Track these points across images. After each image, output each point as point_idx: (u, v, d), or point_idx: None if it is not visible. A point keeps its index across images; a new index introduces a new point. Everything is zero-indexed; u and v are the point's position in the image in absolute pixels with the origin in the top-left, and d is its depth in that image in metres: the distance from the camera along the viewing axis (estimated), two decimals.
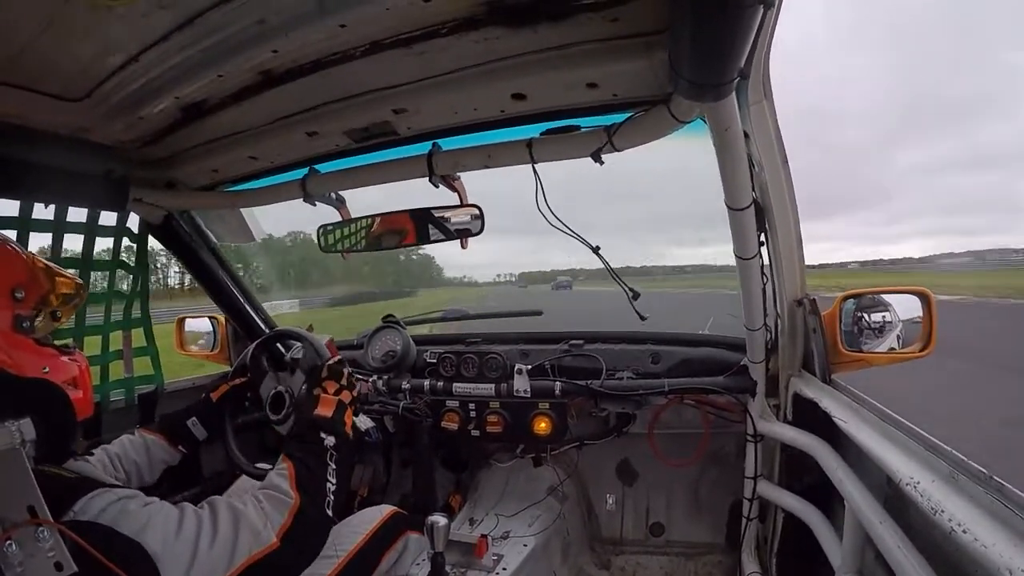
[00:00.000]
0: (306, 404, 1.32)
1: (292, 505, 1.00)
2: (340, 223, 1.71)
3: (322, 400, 1.30)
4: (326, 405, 1.29)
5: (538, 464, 2.15)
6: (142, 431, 1.45)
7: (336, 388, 1.35)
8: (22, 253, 1.00)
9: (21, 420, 0.88)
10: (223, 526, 0.92)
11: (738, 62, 0.86)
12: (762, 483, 1.71)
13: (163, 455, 1.43)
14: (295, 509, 1.00)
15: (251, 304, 2.31)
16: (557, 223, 1.40)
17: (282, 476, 1.06)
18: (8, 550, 0.74)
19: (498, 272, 16.99)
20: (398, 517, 1.58)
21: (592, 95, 1.25)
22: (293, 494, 1.02)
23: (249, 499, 0.99)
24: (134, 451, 1.38)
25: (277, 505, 0.99)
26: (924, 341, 1.50)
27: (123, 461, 1.35)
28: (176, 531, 0.88)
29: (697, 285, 35.88)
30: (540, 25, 1.05)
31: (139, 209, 1.84)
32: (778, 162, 1.33)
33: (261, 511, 0.97)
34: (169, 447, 1.44)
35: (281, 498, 1.01)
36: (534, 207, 1.37)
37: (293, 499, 1.01)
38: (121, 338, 2.02)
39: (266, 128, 1.49)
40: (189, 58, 1.15)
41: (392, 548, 1.50)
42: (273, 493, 1.02)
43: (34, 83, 1.23)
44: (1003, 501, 0.75)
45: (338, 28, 1.06)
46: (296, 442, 1.18)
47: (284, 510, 0.99)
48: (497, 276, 78.63)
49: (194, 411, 1.52)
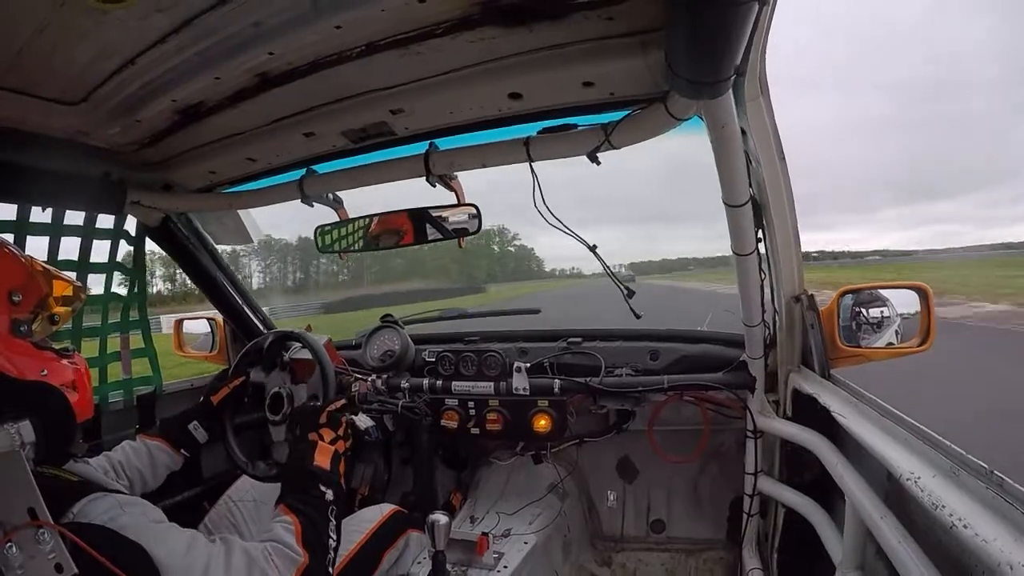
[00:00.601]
0: (303, 451, 1.28)
1: (301, 564, 1.01)
2: (338, 223, 1.71)
3: (319, 449, 1.27)
4: (323, 455, 1.26)
5: (538, 461, 2.16)
6: (143, 437, 1.45)
7: (332, 437, 1.32)
8: (20, 256, 1.00)
9: (20, 423, 0.88)
10: (236, 564, 0.93)
11: (734, 59, 0.86)
12: (762, 479, 1.72)
13: (166, 460, 1.43)
14: (303, 568, 1.01)
15: (249, 305, 2.31)
16: (555, 221, 1.42)
17: (288, 531, 1.06)
18: (8, 552, 0.75)
19: (609, 263, 17.44)
20: (399, 516, 1.58)
21: (589, 94, 1.25)
22: (301, 552, 1.03)
23: (259, 548, 1.00)
24: (136, 458, 1.38)
25: (287, 562, 1.00)
26: (922, 336, 1.50)
27: (126, 468, 1.35)
28: (185, 551, 0.88)
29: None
30: (536, 24, 1.05)
31: (137, 212, 1.84)
32: (775, 158, 1.33)
33: (272, 564, 0.98)
34: (171, 452, 1.44)
35: (291, 555, 1.02)
36: (645, 197, 1.34)
37: (302, 558, 1.02)
38: (119, 340, 2.03)
39: (263, 129, 1.49)
40: (186, 61, 1.16)
41: (393, 547, 1.50)
42: (283, 549, 1.02)
43: (31, 87, 1.23)
44: (1003, 496, 0.75)
45: (333, 30, 1.06)
46: (296, 495, 1.17)
47: (292, 568, 1.00)
48: (618, 265, 78.24)
49: (194, 415, 1.52)
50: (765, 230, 1.44)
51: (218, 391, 1.59)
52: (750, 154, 1.30)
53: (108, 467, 1.32)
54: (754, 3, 0.72)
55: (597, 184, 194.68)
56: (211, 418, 1.54)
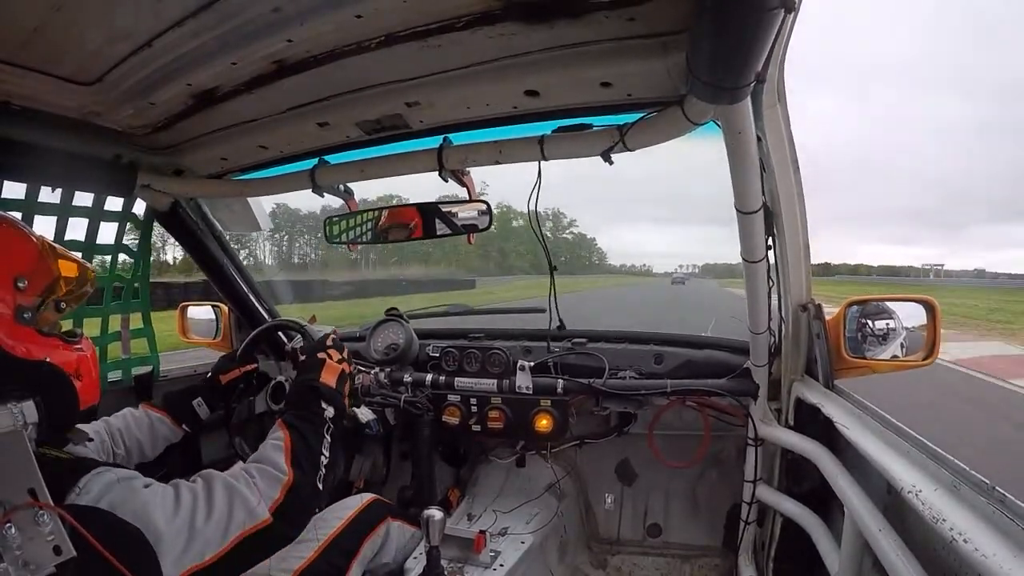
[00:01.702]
0: (310, 367, 1.30)
1: (285, 481, 1.01)
2: (347, 214, 1.71)
3: (327, 366, 1.29)
4: (330, 372, 1.28)
5: (521, 464, 2.14)
6: (146, 407, 1.45)
7: (339, 358, 1.35)
8: (32, 237, 0.97)
9: (23, 402, 0.88)
10: (218, 501, 0.92)
11: (756, 65, 0.86)
12: (761, 487, 1.71)
13: (167, 433, 1.44)
14: (288, 485, 1.01)
15: (254, 293, 2.31)
16: (535, 227, 1.57)
17: (277, 449, 1.05)
18: (7, 533, 0.74)
19: (680, 263, 17.01)
20: (378, 504, 1.59)
21: (606, 94, 1.24)
22: (287, 470, 1.02)
23: (242, 474, 0.99)
24: (137, 427, 1.39)
25: (270, 481, 1.00)
26: (927, 350, 1.50)
27: (125, 437, 1.35)
28: (174, 508, 0.88)
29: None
30: (556, 22, 1.05)
31: (146, 195, 1.84)
32: (789, 167, 1.33)
33: (255, 487, 0.98)
34: (173, 425, 1.45)
35: (275, 474, 1.01)
36: (719, 198, 1.34)
37: (287, 475, 1.01)
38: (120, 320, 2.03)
39: (277, 117, 1.49)
40: (203, 45, 1.15)
41: (373, 534, 1.50)
42: (267, 468, 1.02)
43: (45, 65, 1.22)
44: (1005, 512, 0.75)
45: (354, 19, 1.06)
46: (295, 409, 1.18)
47: (277, 486, 1.00)
48: (679, 266, 77.68)
49: (200, 391, 1.53)
50: (776, 238, 1.44)
51: (228, 371, 1.59)
52: (764, 161, 1.30)
53: (106, 435, 1.32)
54: (780, 10, 0.72)
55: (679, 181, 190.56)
56: (216, 397, 1.55)
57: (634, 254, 65.08)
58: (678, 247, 74.08)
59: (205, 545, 0.88)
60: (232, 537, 0.91)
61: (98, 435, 1.29)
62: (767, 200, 1.34)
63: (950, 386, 8.44)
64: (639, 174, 30.75)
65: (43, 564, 0.74)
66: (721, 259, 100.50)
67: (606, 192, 31.19)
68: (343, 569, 1.39)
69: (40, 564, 0.74)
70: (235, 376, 1.59)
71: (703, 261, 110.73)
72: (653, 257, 75.06)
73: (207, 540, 0.89)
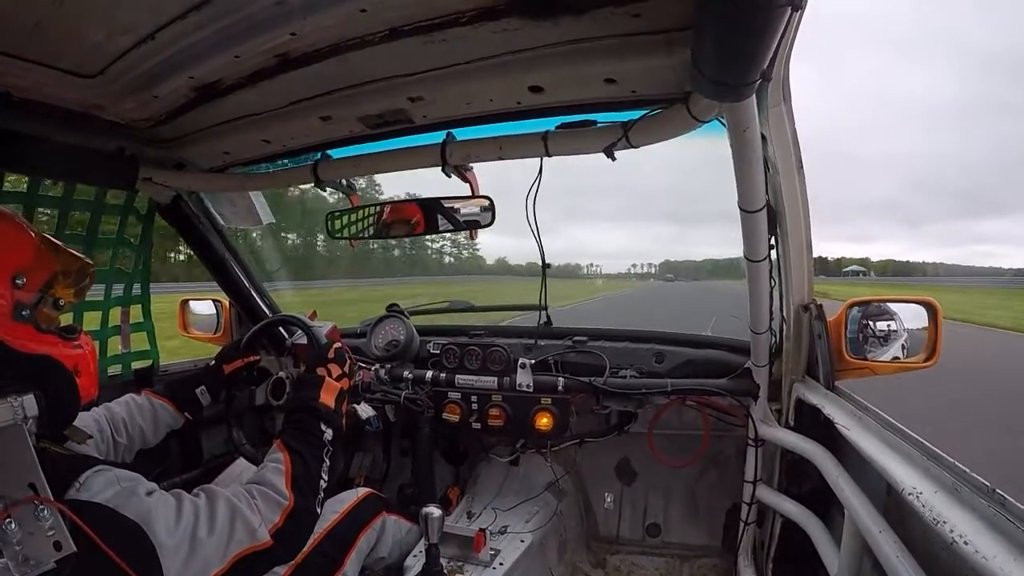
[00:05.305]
0: (309, 385, 1.30)
1: (286, 507, 1.02)
2: (349, 210, 1.71)
3: (326, 384, 1.29)
4: (329, 391, 1.28)
5: (515, 464, 2.14)
6: (149, 394, 1.45)
7: (339, 374, 1.35)
8: (30, 231, 0.95)
9: (24, 396, 0.86)
10: (220, 518, 0.93)
11: (762, 63, 0.85)
12: (761, 488, 1.71)
13: (169, 420, 1.44)
14: (289, 511, 1.01)
15: (255, 288, 2.31)
16: (532, 224, 1.59)
17: (278, 472, 1.06)
18: (7, 527, 0.74)
19: (633, 262, 16.33)
20: (373, 498, 1.59)
21: (610, 91, 1.24)
22: (288, 495, 1.03)
23: (243, 495, 1.00)
24: (140, 416, 1.38)
25: (271, 505, 1.01)
26: (929, 351, 1.50)
27: (128, 425, 1.35)
28: (176, 519, 0.88)
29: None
30: (561, 18, 1.04)
31: (148, 188, 1.83)
32: (793, 166, 1.33)
33: (256, 509, 0.98)
34: (176, 413, 1.45)
35: (276, 499, 1.02)
36: (683, 193, 1.34)
37: (287, 500, 1.02)
38: (119, 314, 2.03)
39: (280, 111, 1.48)
40: (206, 38, 1.14)
41: (368, 527, 1.50)
42: (268, 492, 1.02)
43: (48, 58, 1.22)
44: (1005, 514, 0.75)
45: (358, 12, 1.06)
46: (294, 430, 1.17)
47: (278, 511, 1.01)
48: (632, 266, 76.83)
49: (203, 379, 1.53)
50: (778, 237, 1.43)
51: (232, 361, 1.58)
52: (768, 160, 1.29)
53: (106, 424, 1.31)
54: (787, 7, 0.71)
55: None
56: (218, 385, 1.55)
57: (578, 253, 62.80)
58: (626, 244, 72.48)
59: (206, 563, 0.88)
60: (232, 555, 0.92)
61: (98, 423, 1.29)
62: (770, 199, 1.34)
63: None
64: (590, 162, 29.32)
65: (43, 560, 0.74)
66: (685, 256, 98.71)
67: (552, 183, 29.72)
68: (339, 561, 1.39)
69: (40, 560, 0.74)
70: (238, 366, 1.58)
71: (661, 259, 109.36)
72: (599, 257, 73.02)
73: (207, 557, 0.89)
